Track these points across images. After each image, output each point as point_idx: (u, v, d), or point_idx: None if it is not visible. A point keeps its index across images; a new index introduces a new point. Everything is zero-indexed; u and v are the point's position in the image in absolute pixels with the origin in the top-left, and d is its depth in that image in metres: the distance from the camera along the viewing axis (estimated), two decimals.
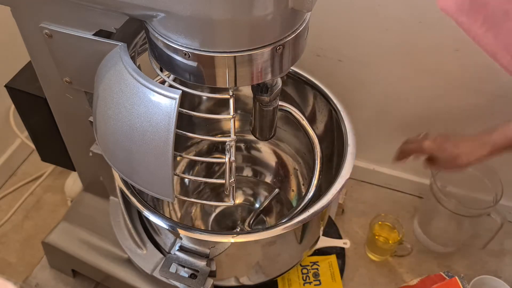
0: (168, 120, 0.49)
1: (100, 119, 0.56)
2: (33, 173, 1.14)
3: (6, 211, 1.07)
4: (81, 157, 0.83)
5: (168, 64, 0.53)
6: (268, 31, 0.48)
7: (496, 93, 0.86)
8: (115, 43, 0.55)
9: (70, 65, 0.63)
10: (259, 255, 0.75)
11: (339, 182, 0.69)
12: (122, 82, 0.51)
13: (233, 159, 0.55)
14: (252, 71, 0.51)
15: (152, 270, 0.78)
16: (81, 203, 0.93)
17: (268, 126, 0.72)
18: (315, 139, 0.80)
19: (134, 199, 0.68)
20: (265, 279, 0.81)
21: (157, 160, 0.51)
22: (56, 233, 0.90)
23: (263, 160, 1.00)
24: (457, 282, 0.76)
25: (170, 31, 0.49)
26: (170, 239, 0.74)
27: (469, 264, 0.99)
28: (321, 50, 0.93)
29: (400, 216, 1.07)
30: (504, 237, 1.01)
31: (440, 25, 0.81)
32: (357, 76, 0.94)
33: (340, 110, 0.79)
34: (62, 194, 1.09)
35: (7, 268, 0.99)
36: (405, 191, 1.11)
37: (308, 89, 0.84)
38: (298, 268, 0.92)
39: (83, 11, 0.54)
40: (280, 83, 0.63)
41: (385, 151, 1.05)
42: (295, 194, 0.96)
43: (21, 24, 0.61)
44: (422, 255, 1.00)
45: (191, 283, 0.69)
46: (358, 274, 0.97)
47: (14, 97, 0.78)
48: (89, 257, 0.86)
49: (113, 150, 0.56)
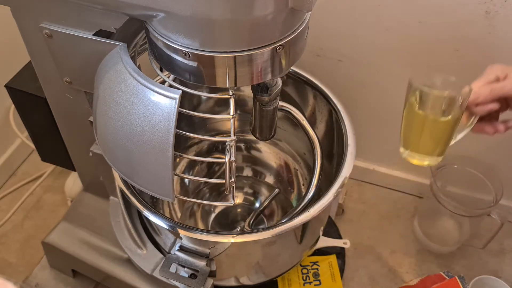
0: (168, 120, 0.49)
1: (100, 119, 0.56)
2: (33, 173, 1.14)
3: (6, 211, 1.07)
4: (81, 157, 0.83)
5: (168, 64, 0.53)
6: (268, 31, 0.48)
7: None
8: (115, 43, 0.55)
9: (70, 65, 0.63)
10: (259, 255, 0.75)
11: (339, 182, 0.69)
12: (122, 82, 0.51)
13: (233, 159, 0.55)
14: (252, 71, 0.51)
15: (152, 270, 0.78)
16: (81, 203, 0.93)
17: (268, 126, 0.72)
18: (315, 139, 0.80)
19: (134, 199, 0.68)
20: (265, 279, 0.81)
21: (157, 160, 0.51)
22: (56, 233, 0.89)
23: (263, 160, 1.00)
24: (457, 282, 0.76)
25: (170, 31, 0.49)
26: (170, 239, 0.74)
27: (469, 264, 0.99)
28: (321, 50, 0.93)
29: (400, 216, 1.07)
30: (504, 237, 1.01)
31: (440, 25, 0.81)
32: (357, 76, 0.94)
33: (340, 110, 0.79)
34: (62, 194, 1.09)
35: (7, 268, 0.99)
36: (405, 191, 1.11)
37: (308, 89, 0.84)
38: (298, 268, 0.92)
39: (83, 11, 0.54)
40: (280, 83, 0.63)
41: (385, 151, 1.05)
42: (295, 194, 0.96)
43: (21, 24, 0.61)
44: (422, 255, 1.00)
45: (191, 283, 0.69)
46: (358, 274, 0.98)
47: (14, 97, 0.78)
48: (89, 257, 0.86)
49: (113, 150, 0.56)
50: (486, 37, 0.79)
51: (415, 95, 0.62)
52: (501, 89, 0.60)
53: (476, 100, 0.61)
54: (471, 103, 0.61)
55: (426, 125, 0.64)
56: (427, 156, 0.67)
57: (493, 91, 0.60)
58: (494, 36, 0.79)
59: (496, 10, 0.76)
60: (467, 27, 0.79)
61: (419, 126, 0.65)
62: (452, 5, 0.78)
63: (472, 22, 0.78)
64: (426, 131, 0.64)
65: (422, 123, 0.64)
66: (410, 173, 1.08)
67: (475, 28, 0.79)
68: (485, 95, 0.60)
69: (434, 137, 0.65)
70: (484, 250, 0.99)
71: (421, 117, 0.63)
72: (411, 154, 0.67)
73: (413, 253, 1.00)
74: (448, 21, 0.80)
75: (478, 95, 0.60)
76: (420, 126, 0.64)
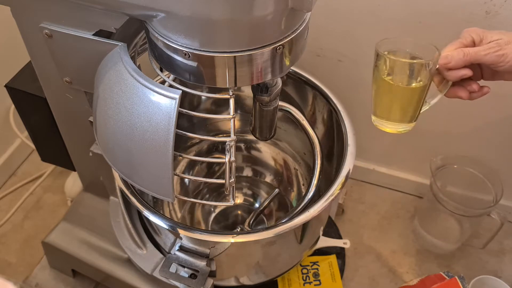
0: (168, 120, 0.49)
1: (100, 119, 0.56)
2: (33, 173, 1.14)
3: (6, 211, 1.07)
4: (81, 157, 0.83)
5: (168, 64, 0.53)
6: (268, 31, 0.48)
7: (496, 92, 0.86)
8: (115, 43, 0.55)
9: (70, 65, 0.63)
10: (259, 255, 0.75)
11: (339, 182, 0.69)
12: (122, 82, 0.51)
13: (233, 159, 0.55)
14: (252, 71, 0.51)
15: (152, 270, 0.78)
16: (81, 203, 0.93)
17: (268, 126, 0.72)
18: (315, 139, 0.80)
19: (134, 199, 0.68)
20: (265, 279, 0.81)
21: (157, 160, 0.51)
22: (56, 233, 0.90)
23: (263, 160, 1.00)
24: (457, 282, 0.76)
25: (170, 31, 0.49)
26: (170, 239, 0.74)
27: (469, 264, 0.99)
28: (321, 50, 0.93)
29: (400, 216, 1.07)
30: (504, 237, 1.01)
31: (440, 25, 0.81)
32: (357, 76, 0.94)
33: (340, 110, 0.79)
34: (62, 194, 1.09)
35: (7, 268, 0.99)
36: (405, 191, 1.11)
37: (308, 89, 0.84)
38: (298, 268, 0.91)
39: (83, 11, 0.54)
40: (280, 83, 0.63)
41: (385, 151, 1.05)
42: (295, 194, 0.96)
43: (21, 24, 0.61)
44: (422, 255, 1.00)
45: (191, 283, 0.69)
46: (358, 274, 0.98)
47: (14, 97, 0.78)
48: (89, 257, 0.86)
49: (113, 150, 0.56)
50: None
51: (382, 61, 0.60)
52: (474, 54, 0.56)
53: (448, 64, 0.57)
54: (443, 67, 0.58)
55: (394, 92, 0.61)
56: (398, 124, 0.64)
57: (466, 55, 0.56)
58: None
59: (496, 10, 0.76)
60: (467, 27, 0.79)
61: (387, 94, 0.63)
62: (452, 5, 0.78)
63: (472, 22, 0.78)
64: (395, 98, 0.62)
65: (390, 91, 0.61)
66: (410, 173, 1.08)
67: None
68: (457, 59, 0.56)
69: (404, 104, 0.62)
70: (484, 250, 0.99)
71: (389, 84, 0.60)
72: (382, 122, 0.65)
73: (413, 253, 1.00)
74: (448, 21, 0.80)
75: (450, 59, 0.57)
76: (389, 94, 0.62)
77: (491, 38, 0.57)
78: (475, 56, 0.56)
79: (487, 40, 0.57)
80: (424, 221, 1.02)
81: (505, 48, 0.55)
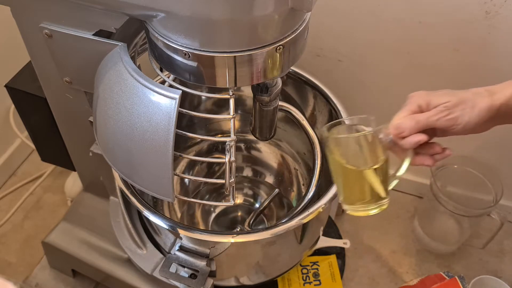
0: (168, 120, 0.49)
1: (100, 119, 0.56)
2: (33, 173, 1.14)
3: (6, 211, 1.07)
4: (81, 157, 0.83)
5: (168, 64, 0.53)
6: (268, 31, 0.48)
7: None
8: (115, 43, 0.55)
9: (70, 65, 0.63)
10: (259, 255, 0.75)
11: None
12: (122, 82, 0.51)
13: (233, 159, 0.55)
14: (252, 71, 0.51)
15: (152, 270, 0.78)
16: (81, 203, 0.93)
17: (268, 126, 0.72)
18: (315, 139, 0.80)
19: (134, 199, 0.68)
20: (265, 279, 0.81)
21: (157, 160, 0.51)
22: (56, 233, 0.90)
23: (263, 160, 1.00)
24: (457, 282, 0.76)
25: (170, 31, 0.49)
26: (170, 239, 0.74)
27: (469, 264, 0.99)
28: (321, 50, 0.93)
29: (400, 216, 1.07)
30: (504, 237, 1.01)
31: (440, 25, 0.81)
32: (357, 76, 0.94)
33: (340, 110, 0.79)
34: (62, 194, 1.09)
35: (7, 268, 0.99)
36: (405, 191, 1.11)
37: (308, 89, 0.84)
38: (298, 268, 0.92)
39: (83, 11, 0.54)
40: (280, 83, 0.63)
41: None
42: (295, 194, 0.96)
43: (21, 24, 0.62)
44: (422, 255, 1.00)
45: (191, 283, 0.69)
46: (358, 274, 0.97)
47: (14, 97, 0.79)
48: (89, 257, 0.86)
49: (113, 150, 0.56)
50: (486, 37, 0.79)
51: (332, 144, 0.57)
52: (425, 120, 0.55)
53: (401, 134, 0.56)
54: (397, 137, 0.56)
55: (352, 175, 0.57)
56: (369, 205, 0.59)
57: (419, 122, 0.55)
58: (494, 36, 0.79)
59: (496, 10, 0.76)
60: (467, 27, 0.79)
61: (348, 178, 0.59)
62: (452, 5, 0.78)
63: (472, 22, 0.78)
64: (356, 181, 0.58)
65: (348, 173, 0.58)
66: (410, 173, 1.08)
67: (475, 28, 0.79)
68: (410, 128, 0.55)
69: (366, 185, 0.58)
70: (484, 250, 0.99)
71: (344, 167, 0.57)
72: (352, 207, 0.59)
73: (413, 253, 1.00)
74: (448, 21, 0.80)
75: (402, 129, 0.55)
76: (348, 177, 0.58)
77: (438, 101, 0.55)
78: (427, 122, 0.55)
79: (434, 104, 0.56)
80: (424, 221, 1.02)
81: (455, 111, 0.54)
